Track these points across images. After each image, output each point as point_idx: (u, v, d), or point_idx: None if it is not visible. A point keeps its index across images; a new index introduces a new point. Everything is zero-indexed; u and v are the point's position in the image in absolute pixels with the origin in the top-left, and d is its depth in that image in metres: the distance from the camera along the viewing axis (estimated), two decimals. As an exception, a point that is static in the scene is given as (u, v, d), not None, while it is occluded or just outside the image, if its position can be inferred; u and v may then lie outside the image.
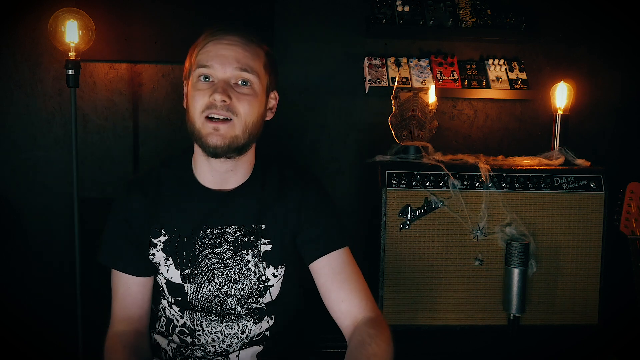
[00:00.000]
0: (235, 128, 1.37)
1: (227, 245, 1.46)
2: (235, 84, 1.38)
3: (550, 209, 2.16)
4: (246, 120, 1.38)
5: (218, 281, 1.46)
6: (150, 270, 1.50)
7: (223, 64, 1.36)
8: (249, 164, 1.49)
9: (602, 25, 2.60)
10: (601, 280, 2.18)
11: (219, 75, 1.37)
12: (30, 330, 2.42)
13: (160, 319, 1.55)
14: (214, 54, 1.37)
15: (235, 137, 1.37)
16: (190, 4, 2.41)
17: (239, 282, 1.47)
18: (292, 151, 2.54)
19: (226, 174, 1.46)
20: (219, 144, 1.36)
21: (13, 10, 2.37)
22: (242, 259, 1.46)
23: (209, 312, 1.48)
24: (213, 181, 1.47)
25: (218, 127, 1.36)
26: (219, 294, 1.47)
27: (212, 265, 1.46)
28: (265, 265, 1.47)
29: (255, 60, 1.40)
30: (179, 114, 2.46)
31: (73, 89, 2.21)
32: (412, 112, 2.26)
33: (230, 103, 1.35)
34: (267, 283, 1.48)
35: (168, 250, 1.46)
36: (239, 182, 1.48)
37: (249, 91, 1.38)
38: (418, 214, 2.12)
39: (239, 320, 1.49)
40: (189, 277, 1.46)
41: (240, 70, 1.37)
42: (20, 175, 2.45)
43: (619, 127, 2.66)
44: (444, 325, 2.16)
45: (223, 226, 1.46)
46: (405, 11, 2.45)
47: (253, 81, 1.39)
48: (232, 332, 1.49)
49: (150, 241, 1.47)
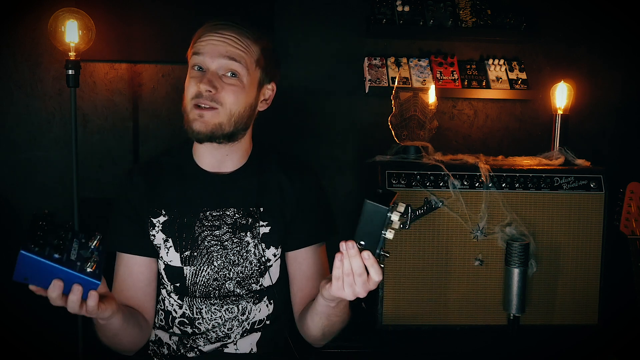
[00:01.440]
0: (220, 116, 1.42)
1: (225, 227, 1.49)
2: (224, 75, 1.43)
3: (550, 209, 2.16)
4: (231, 109, 1.43)
5: (217, 264, 1.49)
6: (152, 251, 1.51)
7: (212, 55, 1.42)
8: (245, 150, 1.54)
9: (602, 25, 2.60)
10: (601, 280, 2.18)
11: (209, 64, 1.43)
12: (30, 330, 2.42)
13: (159, 312, 1.56)
14: (206, 43, 1.44)
15: (219, 125, 1.43)
16: (190, 4, 2.41)
17: (238, 265, 1.50)
18: (293, 151, 2.54)
19: (222, 157, 1.51)
20: (202, 129, 1.42)
21: (13, 10, 2.37)
22: (241, 241, 1.49)
23: (207, 296, 1.50)
24: (211, 164, 1.52)
25: (203, 113, 1.42)
26: (217, 277, 1.49)
27: (211, 247, 1.49)
28: (265, 246, 1.51)
29: (246, 54, 1.44)
30: (179, 114, 2.42)
31: (73, 89, 2.21)
32: (412, 112, 2.26)
33: (215, 93, 1.41)
34: (267, 264, 1.51)
35: (168, 231, 1.49)
36: (236, 166, 1.53)
37: (236, 82, 1.43)
38: (418, 214, 2.11)
39: (238, 302, 1.51)
40: (188, 259, 1.49)
41: (228, 60, 1.42)
42: (20, 175, 2.45)
43: (619, 127, 2.66)
44: (444, 325, 2.16)
45: (222, 208, 1.50)
46: (405, 11, 2.45)
47: (241, 73, 1.43)
48: (232, 315, 1.51)
49: (150, 221, 1.50)
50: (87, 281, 1.13)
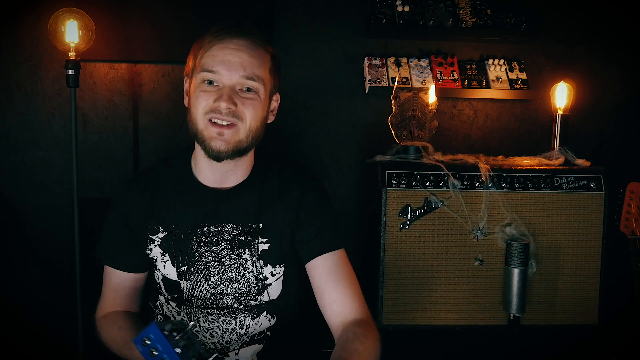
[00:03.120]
0: (240, 132, 1.38)
1: (223, 243, 1.46)
2: (240, 89, 1.38)
3: (550, 209, 2.16)
4: (250, 125, 1.39)
5: (214, 280, 1.47)
6: (143, 267, 1.52)
7: (229, 70, 1.36)
8: (249, 163, 1.50)
9: (601, 25, 2.60)
10: (601, 280, 2.18)
11: (225, 81, 1.37)
12: (30, 330, 2.42)
13: (157, 316, 1.56)
14: (220, 59, 1.37)
15: (239, 142, 1.39)
16: (191, 4, 2.41)
17: (235, 281, 1.47)
18: (293, 151, 2.54)
19: (226, 172, 1.47)
20: (223, 149, 1.37)
21: (13, 11, 2.37)
22: (239, 258, 1.47)
23: (205, 307, 1.49)
24: (212, 179, 1.48)
25: (222, 132, 1.36)
26: (214, 292, 1.48)
27: (208, 263, 1.46)
28: (263, 264, 1.48)
29: (262, 67, 1.40)
30: (179, 114, 2.46)
31: (73, 89, 2.21)
32: (412, 112, 2.26)
33: (235, 109, 1.36)
34: (265, 282, 1.48)
35: (165, 246, 1.47)
36: (237, 181, 1.49)
37: (254, 96, 1.39)
38: (418, 214, 2.12)
39: (236, 315, 1.49)
40: (185, 274, 1.47)
41: (246, 78, 1.37)
42: (20, 175, 2.45)
43: (619, 127, 2.66)
44: (444, 325, 2.16)
45: (220, 224, 1.47)
46: (405, 11, 2.45)
47: (258, 88, 1.39)
48: (230, 328, 1.49)
49: (149, 238, 1.48)
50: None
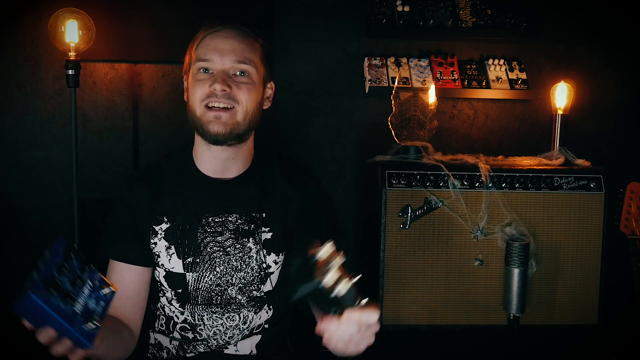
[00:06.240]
0: (237, 115, 1.41)
1: (228, 233, 1.48)
2: (234, 74, 1.42)
3: (550, 209, 2.16)
4: (247, 107, 1.42)
5: (219, 270, 1.48)
6: (147, 261, 1.49)
7: (221, 56, 1.41)
8: (249, 153, 1.52)
9: (601, 25, 2.60)
10: (601, 280, 2.18)
11: (218, 67, 1.41)
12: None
13: (160, 317, 1.55)
14: (212, 47, 1.42)
15: (237, 124, 1.41)
16: (190, 4, 2.41)
17: (240, 270, 1.49)
18: (293, 151, 2.54)
19: (227, 161, 1.49)
20: (221, 131, 1.40)
21: (13, 11, 2.37)
22: (244, 247, 1.48)
23: (209, 303, 1.49)
24: (214, 169, 1.50)
25: (220, 115, 1.40)
26: (220, 282, 1.48)
27: (213, 253, 1.48)
28: (266, 252, 1.50)
29: (252, 52, 1.44)
30: (179, 114, 2.46)
31: (73, 89, 2.21)
32: (412, 112, 2.26)
33: (230, 92, 1.40)
34: (268, 270, 1.50)
35: (170, 238, 1.48)
36: (239, 171, 1.51)
37: (248, 80, 1.43)
38: (418, 214, 2.12)
39: (240, 310, 1.50)
40: (191, 265, 1.48)
41: (238, 62, 1.41)
42: (20, 175, 2.45)
43: (619, 127, 2.66)
44: (444, 325, 2.16)
45: (224, 214, 1.48)
46: (405, 11, 2.45)
47: (251, 71, 1.43)
48: (234, 324, 1.51)
49: (152, 229, 1.48)
50: (79, 341, 1.08)
